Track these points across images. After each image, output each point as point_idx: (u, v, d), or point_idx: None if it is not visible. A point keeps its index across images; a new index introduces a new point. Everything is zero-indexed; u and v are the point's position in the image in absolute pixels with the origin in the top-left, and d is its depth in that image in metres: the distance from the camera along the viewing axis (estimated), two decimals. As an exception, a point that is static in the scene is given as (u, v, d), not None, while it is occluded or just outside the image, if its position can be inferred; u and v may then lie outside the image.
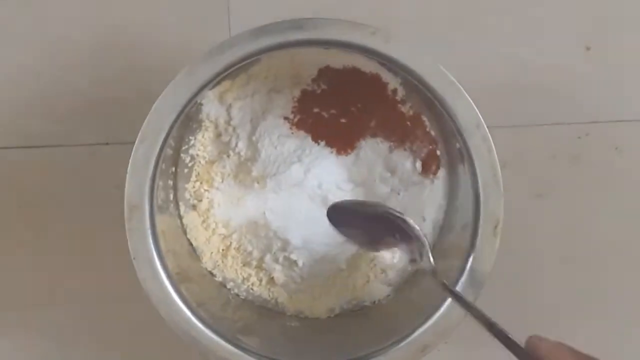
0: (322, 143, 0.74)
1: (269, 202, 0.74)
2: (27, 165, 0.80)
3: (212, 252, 0.76)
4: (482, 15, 0.82)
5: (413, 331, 0.64)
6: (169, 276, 0.63)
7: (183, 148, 0.76)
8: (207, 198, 0.75)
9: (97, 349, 0.80)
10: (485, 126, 0.63)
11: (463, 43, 0.82)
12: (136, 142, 0.62)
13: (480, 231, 0.63)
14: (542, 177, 0.83)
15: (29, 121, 0.80)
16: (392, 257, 0.75)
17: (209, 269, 0.76)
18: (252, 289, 0.76)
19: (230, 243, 0.75)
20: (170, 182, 0.75)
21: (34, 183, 0.80)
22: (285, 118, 0.74)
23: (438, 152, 0.75)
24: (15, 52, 0.80)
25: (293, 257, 0.73)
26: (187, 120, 0.75)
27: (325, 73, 0.75)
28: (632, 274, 0.83)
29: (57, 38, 0.80)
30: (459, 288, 0.64)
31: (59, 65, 0.80)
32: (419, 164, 0.75)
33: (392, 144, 0.75)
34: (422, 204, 0.75)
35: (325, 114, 0.75)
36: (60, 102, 0.80)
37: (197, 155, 0.76)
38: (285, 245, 0.73)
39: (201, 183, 0.76)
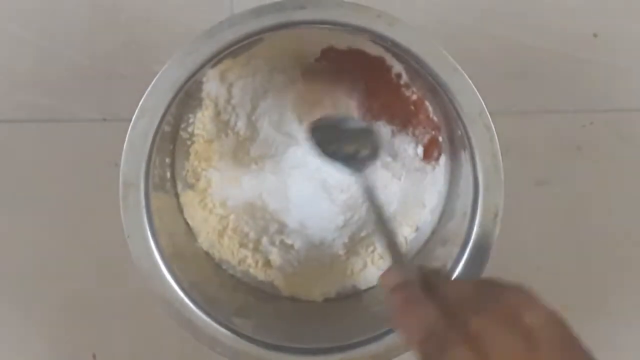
0: (323, 124, 0.73)
1: (266, 184, 0.73)
2: (20, 140, 0.79)
3: (208, 232, 0.75)
4: (487, 0, 0.81)
5: (408, 319, 0.63)
6: (162, 255, 0.63)
7: (182, 126, 0.75)
8: (205, 177, 0.75)
9: (91, 328, 0.80)
10: (488, 114, 0.62)
11: (468, 28, 0.81)
12: (134, 119, 0.61)
13: (479, 220, 0.63)
14: (545, 165, 0.82)
15: (24, 95, 0.79)
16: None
17: (205, 248, 0.75)
18: (248, 270, 0.75)
19: (228, 223, 0.75)
20: (168, 160, 0.74)
21: (27, 159, 0.79)
22: (286, 98, 0.73)
23: (440, 139, 0.74)
24: (12, 23, 0.79)
25: (289, 241, 0.73)
26: (187, 98, 0.74)
27: (329, 54, 0.74)
28: (635, 263, 0.82)
29: (55, 10, 0.79)
30: (457, 275, 0.64)
31: (56, 39, 0.79)
32: (420, 150, 0.74)
33: (394, 127, 0.74)
34: (423, 190, 0.75)
35: (327, 95, 0.74)
36: (57, 76, 0.79)
37: (196, 133, 0.75)
38: (282, 228, 0.73)
39: (199, 162, 0.75)
